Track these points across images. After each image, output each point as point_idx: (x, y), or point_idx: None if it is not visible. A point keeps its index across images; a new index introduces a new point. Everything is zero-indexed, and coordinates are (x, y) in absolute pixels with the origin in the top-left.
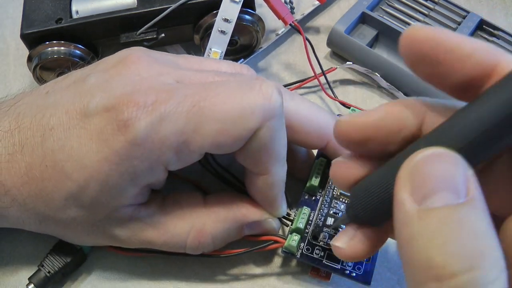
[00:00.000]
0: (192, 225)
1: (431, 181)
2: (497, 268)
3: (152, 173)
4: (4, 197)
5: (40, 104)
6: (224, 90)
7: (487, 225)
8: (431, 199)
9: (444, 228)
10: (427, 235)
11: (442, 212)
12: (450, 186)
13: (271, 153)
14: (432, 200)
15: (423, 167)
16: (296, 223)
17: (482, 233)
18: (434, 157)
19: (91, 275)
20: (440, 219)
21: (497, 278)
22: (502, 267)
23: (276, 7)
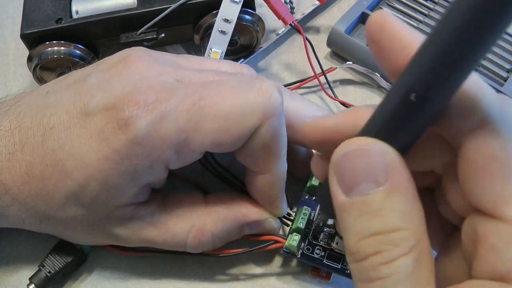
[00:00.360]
0: (192, 224)
1: (352, 173)
2: (405, 246)
3: (153, 172)
4: (5, 196)
5: (41, 104)
6: (224, 89)
7: (402, 206)
8: (354, 190)
9: (361, 217)
10: (350, 225)
11: (361, 202)
12: (369, 175)
13: (271, 152)
14: (355, 191)
15: (344, 160)
16: (296, 223)
17: (392, 217)
18: (355, 151)
19: (92, 275)
20: (360, 209)
21: (404, 253)
22: (410, 244)
23: (276, 7)
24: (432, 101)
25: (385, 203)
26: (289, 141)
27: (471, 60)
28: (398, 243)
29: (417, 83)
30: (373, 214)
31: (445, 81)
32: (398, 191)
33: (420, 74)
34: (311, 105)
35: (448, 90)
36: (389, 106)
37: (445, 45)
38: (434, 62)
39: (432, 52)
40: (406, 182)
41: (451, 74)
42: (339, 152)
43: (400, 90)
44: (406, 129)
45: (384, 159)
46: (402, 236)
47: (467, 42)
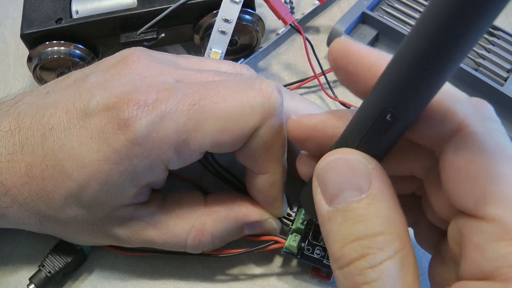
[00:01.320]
0: (192, 224)
1: (335, 182)
2: (390, 249)
3: (152, 172)
4: (5, 197)
5: (40, 104)
6: (224, 88)
7: (385, 212)
8: (337, 200)
9: (345, 224)
10: (333, 232)
11: (345, 209)
12: (351, 184)
13: (271, 152)
14: (338, 200)
15: (329, 171)
16: (296, 223)
17: (376, 222)
18: (337, 161)
19: (92, 275)
20: (343, 216)
21: (390, 257)
22: (395, 248)
23: (276, 7)
24: (406, 118)
25: (369, 209)
26: (289, 142)
27: (441, 77)
28: (383, 246)
29: (390, 104)
30: (356, 220)
31: (417, 100)
32: (381, 198)
33: (393, 95)
34: (311, 105)
35: (420, 106)
36: (367, 123)
37: (414, 63)
38: (404, 82)
39: (402, 72)
40: (388, 189)
41: (422, 93)
42: (322, 162)
43: (375, 108)
44: (382, 142)
45: (366, 168)
46: (387, 240)
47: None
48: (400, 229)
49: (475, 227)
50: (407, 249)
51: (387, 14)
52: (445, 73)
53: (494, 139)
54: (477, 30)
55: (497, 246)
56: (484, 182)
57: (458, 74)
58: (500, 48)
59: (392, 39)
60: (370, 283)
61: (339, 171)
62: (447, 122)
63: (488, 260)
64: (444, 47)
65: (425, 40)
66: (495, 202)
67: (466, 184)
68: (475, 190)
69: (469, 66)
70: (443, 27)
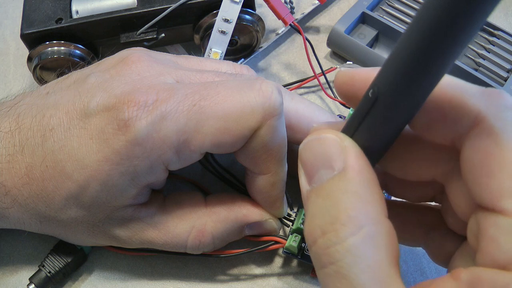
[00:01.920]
0: (193, 225)
1: (312, 163)
2: (352, 225)
3: (153, 173)
4: (5, 198)
5: (40, 105)
6: (224, 89)
7: (354, 189)
8: (314, 179)
9: (315, 203)
10: (307, 212)
11: (317, 189)
12: (325, 163)
13: (272, 152)
14: (314, 180)
15: (306, 151)
16: (297, 223)
17: (343, 199)
18: (313, 141)
19: (92, 275)
20: (316, 196)
21: (352, 233)
22: (359, 224)
23: (276, 7)
24: (386, 99)
25: (338, 186)
26: (289, 142)
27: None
28: (346, 222)
29: (376, 83)
30: (326, 197)
31: (397, 84)
32: (353, 175)
33: (380, 75)
34: (311, 106)
35: (401, 93)
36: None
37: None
38: (391, 67)
39: (392, 59)
40: (361, 167)
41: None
42: (302, 144)
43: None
44: (366, 124)
45: (339, 146)
46: (350, 216)
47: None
48: (370, 206)
49: (492, 221)
50: (377, 225)
51: (387, 14)
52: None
53: (511, 129)
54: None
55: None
56: (501, 176)
57: (458, 74)
58: (500, 48)
59: (392, 39)
60: (335, 263)
61: (315, 151)
62: (462, 118)
63: (503, 252)
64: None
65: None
66: (511, 196)
67: (484, 179)
68: (493, 184)
69: (469, 66)
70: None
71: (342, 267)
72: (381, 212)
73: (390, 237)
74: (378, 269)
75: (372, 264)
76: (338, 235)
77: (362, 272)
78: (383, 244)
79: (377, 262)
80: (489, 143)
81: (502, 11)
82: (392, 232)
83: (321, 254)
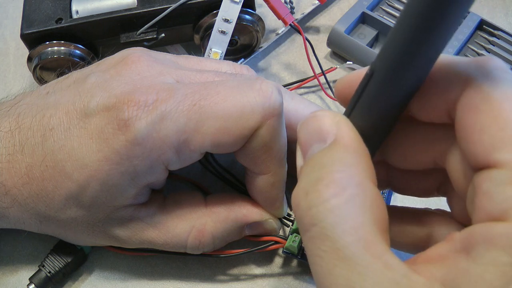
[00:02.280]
0: (192, 225)
1: (306, 139)
2: (336, 186)
3: (153, 173)
4: (5, 197)
5: (41, 104)
6: (224, 89)
7: (342, 157)
8: (307, 153)
9: (304, 173)
10: (299, 183)
11: (308, 160)
12: (318, 136)
13: (271, 152)
14: (308, 154)
15: (302, 129)
16: (296, 223)
17: (329, 164)
18: (308, 119)
19: (92, 275)
20: (306, 166)
21: (335, 194)
22: (342, 185)
23: (276, 7)
24: (380, 74)
25: (327, 155)
26: (289, 142)
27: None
28: (329, 183)
29: (372, 62)
30: (313, 165)
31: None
32: (341, 145)
33: (378, 55)
34: (311, 106)
35: (394, 68)
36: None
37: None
38: (386, 45)
39: (388, 39)
40: (350, 137)
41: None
42: (299, 123)
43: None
44: (362, 100)
45: (331, 121)
46: (334, 178)
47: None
48: (355, 170)
49: (486, 176)
50: (362, 188)
51: (387, 14)
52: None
53: (501, 86)
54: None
55: (506, 189)
56: (492, 130)
57: None
58: (500, 48)
59: None
60: (317, 224)
61: (309, 128)
62: (452, 84)
63: (497, 203)
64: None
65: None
66: (503, 147)
67: (476, 135)
68: (484, 139)
69: None
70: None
71: (325, 228)
72: (367, 177)
73: (375, 201)
74: (362, 230)
75: (355, 225)
76: (320, 195)
77: (345, 233)
78: (367, 206)
79: (361, 223)
80: (479, 100)
81: (502, 11)
82: (379, 197)
83: (303, 216)
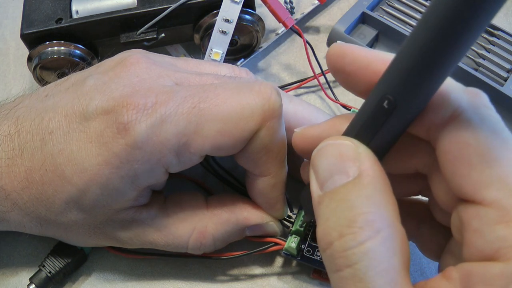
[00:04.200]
0: (194, 226)
1: (325, 167)
2: (371, 228)
3: (153, 176)
4: (5, 202)
5: (40, 107)
6: (223, 91)
7: (370, 194)
8: (326, 184)
9: (329, 207)
10: (320, 216)
11: (331, 193)
12: (339, 168)
13: (272, 154)
14: (327, 185)
15: (319, 157)
16: (296, 225)
17: (359, 204)
18: (327, 147)
19: (92, 275)
20: (330, 200)
21: (370, 237)
22: (377, 227)
23: (277, 10)
24: (405, 108)
25: (354, 191)
26: (289, 144)
27: (439, 72)
28: (363, 226)
29: (389, 91)
30: (339, 201)
31: (415, 91)
32: (368, 181)
33: (393, 83)
34: (310, 107)
35: (419, 99)
36: (366, 111)
37: (414, 57)
38: (405, 73)
39: (404, 63)
40: (376, 172)
41: (421, 85)
42: (315, 150)
43: (375, 97)
44: (381, 133)
45: (354, 152)
46: (368, 219)
47: (432, 56)
48: (385, 211)
49: (474, 212)
50: (392, 229)
51: (387, 14)
52: (447, 66)
53: (489, 124)
54: (477, 27)
55: (496, 229)
56: (480, 166)
57: (458, 73)
58: (500, 48)
59: (392, 39)
60: (352, 266)
61: (329, 157)
62: (441, 110)
63: (488, 242)
64: (446, 41)
65: (428, 33)
66: (491, 186)
67: (463, 170)
68: (472, 176)
69: (469, 66)
70: (445, 22)
71: (359, 270)
72: (396, 217)
73: (404, 242)
74: (393, 273)
75: (387, 268)
76: (356, 238)
77: (378, 276)
78: (398, 248)
79: (392, 266)
80: (468, 135)
81: (502, 11)
82: (405, 237)
83: (337, 257)
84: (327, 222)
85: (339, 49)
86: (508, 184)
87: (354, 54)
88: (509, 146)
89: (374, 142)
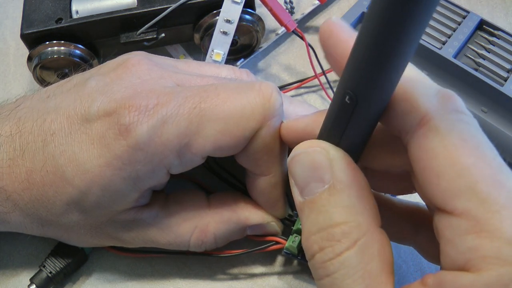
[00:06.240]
0: (195, 225)
1: (302, 175)
2: (347, 240)
3: (155, 177)
4: (6, 202)
5: (41, 109)
6: (224, 91)
7: (345, 201)
8: (305, 191)
9: (309, 217)
10: (303, 224)
11: (310, 201)
12: (314, 176)
13: (272, 153)
14: (305, 192)
15: (295, 165)
16: (297, 224)
17: (336, 214)
18: (300, 155)
19: (92, 275)
20: (309, 207)
21: (347, 248)
22: (353, 238)
23: (278, 14)
24: (365, 102)
25: (329, 200)
26: None
27: (392, 63)
28: (341, 238)
29: (349, 86)
30: (318, 211)
31: (373, 84)
32: (342, 187)
33: (351, 77)
34: (310, 108)
35: (378, 92)
36: (334, 108)
37: (366, 49)
38: (361, 66)
39: (358, 57)
40: (350, 177)
41: (377, 78)
42: (290, 157)
43: (339, 93)
44: (349, 129)
45: (326, 158)
46: (344, 231)
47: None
48: (361, 218)
49: (446, 222)
50: (370, 236)
51: None
52: (398, 56)
53: (458, 131)
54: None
55: (467, 239)
56: (449, 176)
57: (458, 73)
58: (500, 48)
59: None
60: (330, 275)
61: (303, 164)
62: (410, 115)
63: (460, 253)
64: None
65: (372, 24)
66: (461, 195)
67: (433, 179)
68: (442, 185)
69: (469, 66)
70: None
71: (337, 279)
72: (372, 222)
73: (383, 245)
74: (369, 279)
75: (364, 274)
76: (334, 250)
77: (355, 283)
78: (375, 253)
79: (369, 271)
80: (436, 143)
81: (502, 11)
82: (385, 240)
83: (318, 268)
84: (309, 235)
85: (327, 27)
86: (477, 193)
87: (338, 34)
88: (479, 153)
89: (345, 139)
